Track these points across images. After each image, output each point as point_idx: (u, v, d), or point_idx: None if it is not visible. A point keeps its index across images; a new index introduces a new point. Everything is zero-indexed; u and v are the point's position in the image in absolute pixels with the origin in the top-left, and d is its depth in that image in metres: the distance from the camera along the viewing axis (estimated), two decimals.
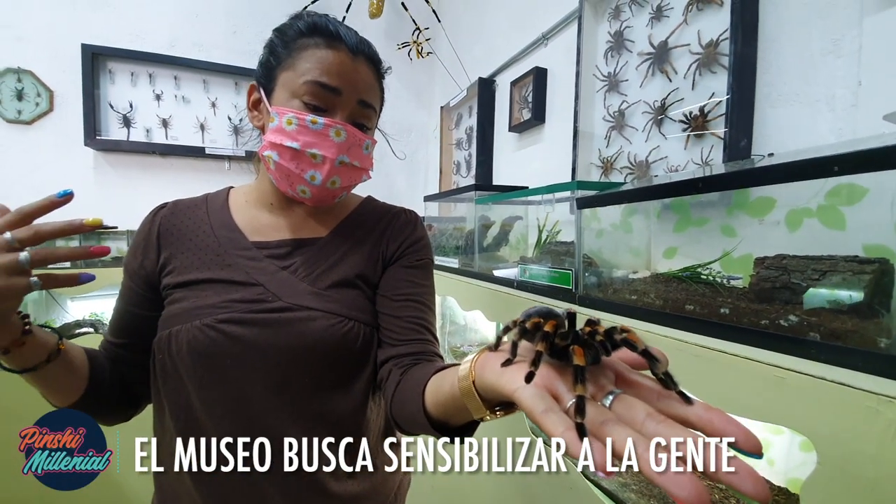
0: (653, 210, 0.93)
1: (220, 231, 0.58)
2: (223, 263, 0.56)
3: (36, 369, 0.47)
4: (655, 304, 0.63)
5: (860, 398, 0.35)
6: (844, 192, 0.54)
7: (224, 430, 0.51)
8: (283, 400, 0.52)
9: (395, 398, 0.50)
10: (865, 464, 0.35)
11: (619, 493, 0.68)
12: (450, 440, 0.42)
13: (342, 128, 0.53)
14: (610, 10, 1.13)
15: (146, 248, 0.58)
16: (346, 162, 0.55)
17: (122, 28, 1.84)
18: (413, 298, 0.58)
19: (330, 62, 0.52)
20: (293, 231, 0.60)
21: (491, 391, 0.32)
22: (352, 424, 0.56)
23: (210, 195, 0.63)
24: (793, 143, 0.74)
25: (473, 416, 0.36)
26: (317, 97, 0.53)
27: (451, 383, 0.38)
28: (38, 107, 1.77)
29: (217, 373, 0.51)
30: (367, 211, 0.65)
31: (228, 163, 2.02)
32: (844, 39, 0.67)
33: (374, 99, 0.57)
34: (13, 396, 1.49)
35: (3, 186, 1.71)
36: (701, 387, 0.51)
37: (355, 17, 2.11)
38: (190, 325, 0.51)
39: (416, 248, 0.62)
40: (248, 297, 0.53)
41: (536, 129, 1.50)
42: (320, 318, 0.53)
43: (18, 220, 0.39)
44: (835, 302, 0.46)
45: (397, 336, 0.55)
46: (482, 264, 1.30)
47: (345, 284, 0.57)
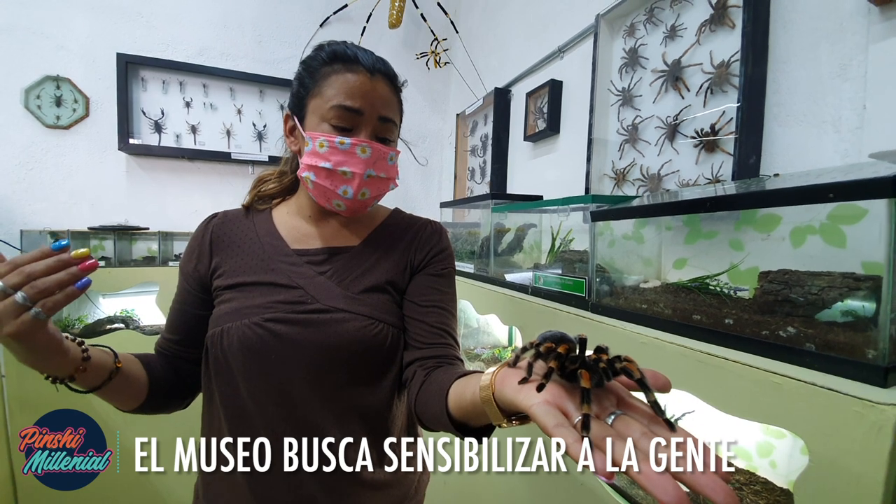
0: (664, 222, 0.97)
1: (265, 239, 0.64)
2: (268, 268, 0.62)
3: (100, 388, 0.53)
4: (665, 313, 0.68)
5: (848, 403, 0.40)
6: (845, 214, 0.58)
7: (268, 418, 0.57)
8: (319, 391, 0.58)
9: (419, 397, 0.56)
10: (851, 460, 0.39)
11: (627, 489, 0.72)
12: (475, 439, 0.47)
13: (367, 145, 0.59)
14: (625, 27, 1.17)
15: (200, 254, 0.65)
16: (373, 175, 0.61)
17: (155, 38, 1.93)
18: (438, 305, 0.63)
19: (350, 85, 0.58)
20: (329, 240, 0.66)
21: (508, 403, 0.37)
22: (379, 418, 0.61)
23: (254, 208, 0.70)
24: (800, 161, 0.77)
25: (492, 422, 0.41)
26: (342, 119, 0.59)
27: (472, 391, 0.43)
28: (76, 112, 1.86)
29: (263, 366, 0.57)
30: (396, 222, 0.71)
31: (252, 167, 2.11)
32: (851, 64, 0.71)
33: (394, 113, 0.63)
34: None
35: (43, 188, 1.81)
36: (704, 390, 0.55)
37: (375, 26, 2.18)
38: (240, 323, 0.57)
39: (440, 257, 0.67)
40: (289, 298, 0.59)
41: (551, 139, 1.55)
42: (353, 320, 0.59)
43: (9, 270, 0.41)
44: (840, 315, 0.50)
45: (423, 339, 0.61)
46: (496, 269, 1.35)
47: (375, 290, 0.62)
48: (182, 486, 1.69)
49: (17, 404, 1.53)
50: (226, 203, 2.06)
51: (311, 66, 0.61)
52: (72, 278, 0.43)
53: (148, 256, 1.86)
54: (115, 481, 1.62)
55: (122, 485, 1.68)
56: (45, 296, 0.41)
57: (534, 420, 0.32)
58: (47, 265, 0.42)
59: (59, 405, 1.79)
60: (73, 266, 0.43)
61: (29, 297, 0.41)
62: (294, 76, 0.64)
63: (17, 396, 1.53)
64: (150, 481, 1.71)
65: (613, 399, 0.33)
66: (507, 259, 1.43)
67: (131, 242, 1.89)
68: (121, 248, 1.78)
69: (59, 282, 0.42)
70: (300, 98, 0.62)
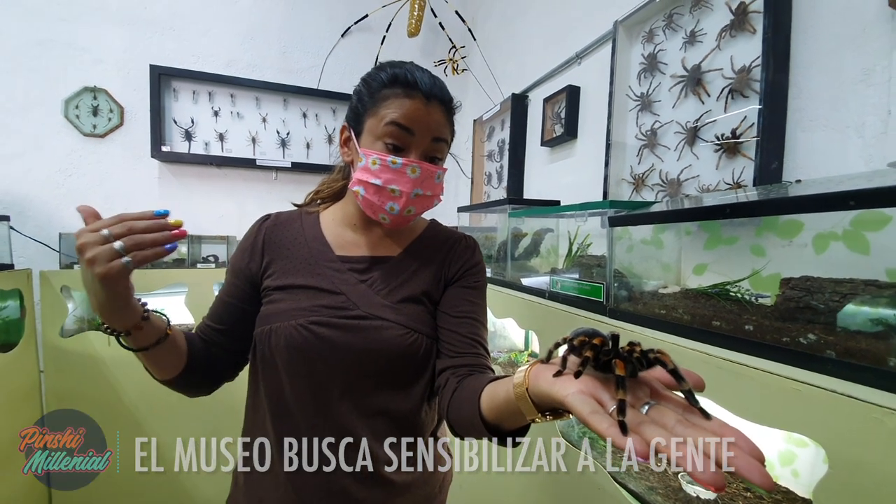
0: (683, 227, 0.97)
1: (313, 244, 0.69)
2: (314, 272, 0.66)
3: (148, 349, 0.57)
4: (684, 319, 0.68)
5: (867, 410, 0.40)
6: (868, 219, 0.58)
7: (307, 414, 0.61)
8: (355, 393, 0.62)
9: (451, 404, 0.58)
10: (870, 468, 0.39)
11: (645, 495, 0.72)
12: (508, 443, 0.49)
13: (417, 165, 0.62)
14: (644, 33, 1.17)
15: (252, 253, 0.69)
16: (420, 194, 0.64)
17: (186, 51, 2.02)
18: (470, 316, 0.67)
19: (407, 108, 0.61)
20: (371, 249, 0.70)
21: (544, 397, 0.38)
22: (409, 422, 0.65)
23: (304, 210, 0.75)
24: (823, 167, 0.77)
25: (526, 417, 0.42)
26: (395, 138, 0.62)
27: (506, 389, 0.45)
28: (111, 122, 1.96)
29: (306, 366, 0.61)
30: (433, 234, 0.75)
31: (276, 173, 2.17)
32: (875, 69, 0.70)
33: (446, 133, 0.66)
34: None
35: (80, 193, 1.91)
36: (724, 396, 0.55)
37: (394, 35, 2.23)
38: (287, 324, 0.61)
39: (473, 271, 0.71)
40: (333, 303, 0.63)
41: (568, 145, 1.55)
42: (391, 328, 0.62)
43: (115, 222, 0.47)
44: (861, 323, 0.50)
45: (455, 349, 0.64)
46: (513, 273, 1.36)
47: (412, 300, 0.66)
48: (182, 486, 1.75)
49: (55, 398, 1.61)
50: (251, 208, 2.14)
51: (371, 86, 0.65)
52: (164, 239, 0.49)
53: (178, 259, 1.93)
54: (115, 481, 1.57)
55: (123, 484, 1.67)
56: (138, 248, 0.47)
57: (570, 409, 0.33)
58: (147, 224, 0.48)
59: (89, 402, 1.87)
60: (167, 231, 0.49)
61: (126, 246, 0.46)
62: (353, 90, 0.69)
63: (54, 390, 1.61)
64: (150, 481, 1.74)
65: (647, 391, 0.34)
66: (524, 263, 1.44)
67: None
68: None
69: (153, 240, 0.48)
70: (357, 114, 0.66)
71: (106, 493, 1.67)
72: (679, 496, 0.70)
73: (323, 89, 2.21)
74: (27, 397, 1.56)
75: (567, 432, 0.95)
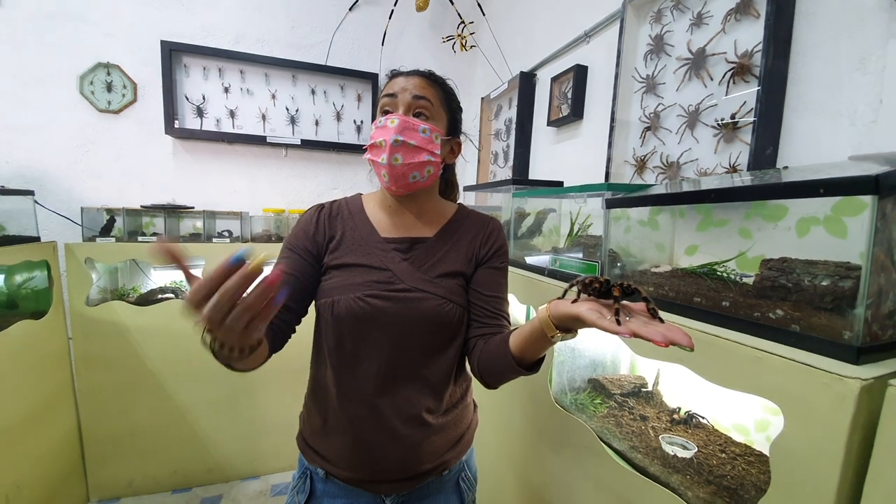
0: (677, 210, 1.01)
1: (362, 227, 0.79)
2: (365, 252, 0.76)
3: (249, 370, 0.63)
4: (669, 296, 0.73)
5: (818, 376, 0.45)
6: (847, 206, 0.62)
7: (365, 368, 0.72)
8: (402, 353, 0.73)
9: (482, 356, 0.71)
10: (818, 426, 0.45)
11: (628, 453, 0.79)
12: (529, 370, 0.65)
13: (395, 117, 0.73)
14: (652, 13, 1.17)
15: (316, 231, 0.79)
16: (399, 140, 0.72)
17: (195, 24, 2.03)
18: (497, 294, 0.78)
19: (392, 82, 0.77)
20: (408, 230, 0.79)
21: (562, 317, 0.52)
22: (444, 377, 0.76)
23: (348, 199, 0.85)
24: (815, 153, 0.79)
25: (547, 335, 0.56)
26: (385, 105, 0.76)
27: (530, 324, 0.60)
28: (125, 98, 1.99)
29: (363, 330, 0.72)
30: (462, 217, 0.84)
31: (286, 150, 2.21)
32: (871, 58, 0.72)
33: (426, 92, 0.75)
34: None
35: (98, 168, 1.97)
36: (696, 364, 0.61)
37: (402, 10, 2.21)
38: (347, 297, 0.72)
39: (499, 253, 0.82)
40: (382, 279, 0.73)
41: (574, 125, 1.57)
42: (431, 299, 0.73)
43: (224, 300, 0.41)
44: (823, 301, 0.55)
45: (484, 321, 0.76)
46: (516, 252, 1.41)
47: (447, 275, 0.76)
48: (203, 444, 1.88)
49: (83, 363, 1.72)
50: (262, 185, 2.19)
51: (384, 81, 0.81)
52: (267, 300, 0.43)
53: (194, 233, 2.01)
54: (142, 439, 1.84)
55: (149, 442, 1.87)
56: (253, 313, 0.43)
57: (583, 319, 0.47)
58: (258, 296, 0.42)
59: (115, 366, 2.03)
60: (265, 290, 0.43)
61: (247, 322, 0.43)
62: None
63: (83, 355, 1.72)
64: (173, 440, 1.89)
65: (629, 311, 0.48)
66: (527, 242, 1.49)
67: (179, 220, 2.04)
68: (170, 225, 1.93)
69: (260, 306, 0.43)
70: (375, 103, 0.79)
71: (133, 450, 1.81)
72: (657, 454, 0.77)
73: (331, 65, 2.22)
74: (58, 362, 1.67)
75: (560, 399, 1.02)
